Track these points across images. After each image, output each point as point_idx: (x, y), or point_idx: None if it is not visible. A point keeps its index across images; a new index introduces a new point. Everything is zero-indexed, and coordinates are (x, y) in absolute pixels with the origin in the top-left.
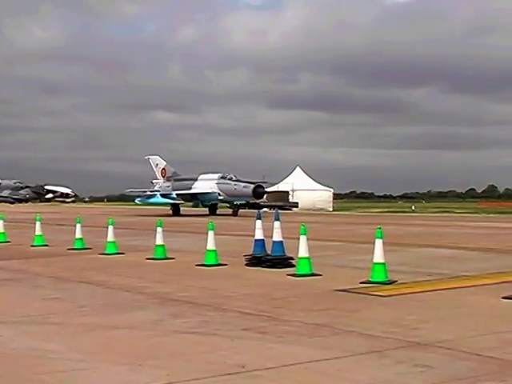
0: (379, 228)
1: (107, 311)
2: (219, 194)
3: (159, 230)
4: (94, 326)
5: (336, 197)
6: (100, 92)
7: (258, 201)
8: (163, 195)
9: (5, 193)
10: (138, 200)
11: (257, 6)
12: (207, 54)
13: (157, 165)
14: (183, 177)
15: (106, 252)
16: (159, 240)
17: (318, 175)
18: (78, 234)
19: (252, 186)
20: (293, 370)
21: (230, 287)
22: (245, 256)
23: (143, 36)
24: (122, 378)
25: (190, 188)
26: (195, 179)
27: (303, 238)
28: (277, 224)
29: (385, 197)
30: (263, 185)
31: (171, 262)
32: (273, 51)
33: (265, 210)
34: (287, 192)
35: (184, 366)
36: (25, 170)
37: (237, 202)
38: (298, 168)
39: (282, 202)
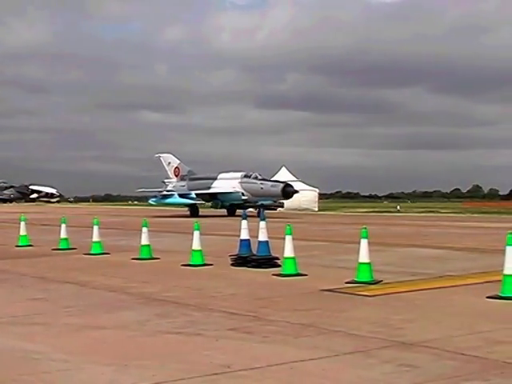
0: (364, 228)
1: (92, 311)
2: (243, 194)
3: (144, 230)
4: (78, 327)
5: (321, 197)
6: (86, 91)
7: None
8: (181, 195)
9: None
10: (152, 200)
11: (243, 5)
12: (194, 54)
13: (169, 163)
14: (200, 176)
15: (92, 252)
16: (144, 240)
17: (304, 175)
18: (63, 234)
19: (281, 185)
20: (278, 369)
21: (215, 287)
22: (230, 256)
23: (130, 35)
24: (108, 378)
25: (209, 187)
26: (214, 178)
27: (289, 238)
28: (262, 224)
29: (370, 197)
30: (292, 184)
31: (157, 262)
32: (259, 51)
33: (250, 209)
34: None
35: (170, 366)
36: (9, 170)
37: (262, 202)
38: (283, 168)
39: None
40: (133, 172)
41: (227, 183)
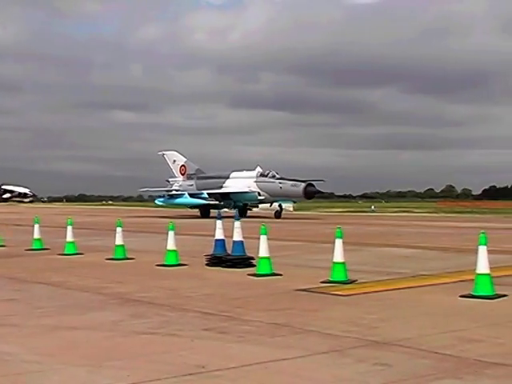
0: (339, 228)
1: (66, 312)
2: (259, 194)
3: (119, 230)
4: (51, 328)
5: None
6: (60, 91)
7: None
8: (192, 195)
9: None
10: (159, 200)
11: (218, 5)
12: (169, 54)
13: (174, 161)
14: (210, 174)
15: (65, 252)
16: (119, 240)
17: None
18: (36, 235)
19: (302, 184)
20: (253, 369)
21: (190, 287)
22: (205, 256)
23: (104, 35)
24: (81, 379)
25: (221, 187)
26: (226, 177)
27: (263, 238)
28: (237, 224)
29: (345, 196)
30: (314, 183)
31: (131, 263)
32: (234, 51)
33: (225, 209)
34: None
35: (144, 367)
36: None
37: (281, 202)
38: (258, 168)
39: None
40: (107, 172)
41: (241, 182)
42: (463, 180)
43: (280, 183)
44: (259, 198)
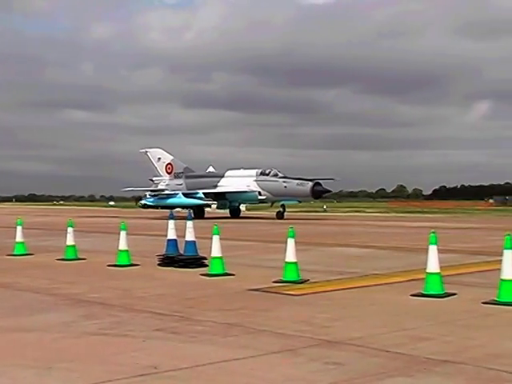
0: (291, 227)
1: (15, 314)
2: (259, 194)
3: (70, 230)
4: (0, 329)
5: None
6: (10, 89)
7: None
8: (186, 195)
9: None
10: (148, 201)
11: (172, 4)
12: (122, 53)
13: (159, 159)
14: (200, 173)
15: (15, 253)
16: (70, 240)
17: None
18: None
19: (309, 183)
20: (206, 370)
21: (142, 287)
22: (157, 256)
23: (56, 33)
24: (30, 382)
25: (216, 186)
26: (221, 176)
27: (216, 238)
28: (189, 224)
29: None
30: (322, 182)
31: (82, 263)
32: (188, 50)
33: (178, 209)
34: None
35: (95, 368)
36: None
37: (283, 203)
38: (210, 167)
39: None
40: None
41: (239, 181)
42: (414, 180)
43: (284, 182)
44: (260, 197)
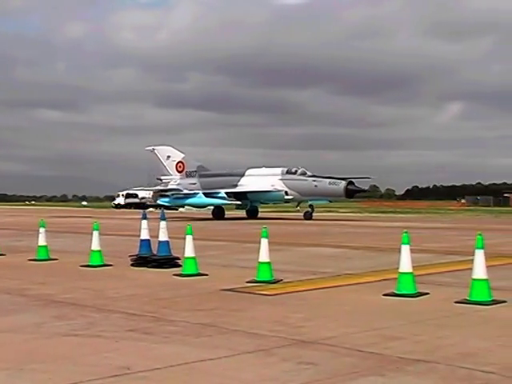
0: (264, 227)
1: None
2: (286, 193)
3: (42, 230)
4: None
5: None
6: None
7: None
8: (207, 194)
9: None
10: (163, 201)
11: (146, 4)
12: (95, 52)
13: (168, 157)
14: (216, 172)
15: None
16: (42, 241)
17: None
18: None
19: (343, 182)
20: (179, 370)
21: (114, 288)
22: (130, 256)
23: (28, 31)
24: (1, 383)
25: (235, 185)
26: (241, 175)
27: (189, 238)
28: (163, 224)
29: None
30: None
31: (54, 263)
32: (161, 50)
33: (150, 209)
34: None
35: (67, 369)
36: None
37: (311, 203)
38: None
39: None
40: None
41: (262, 180)
42: (387, 180)
43: (315, 181)
44: (286, 197)
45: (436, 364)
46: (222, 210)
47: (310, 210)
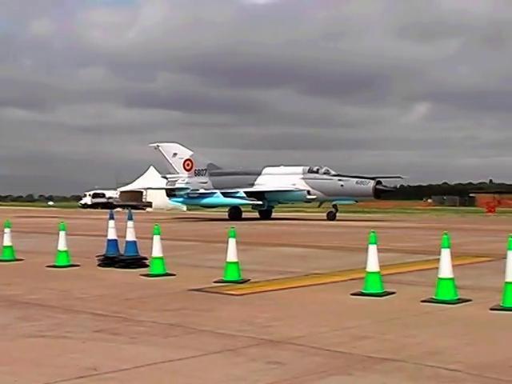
0: (233, 227)
1: None
2: (308, 193)
3: (7, 230)
4: None
5: None
6: None
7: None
8: (225, 194)
9: None
10: (176, 201)
11: (114, 1)
12: (62, 50)
13: (174, 154)
14: (228, 171)
15: None
16: (7, 241)
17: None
18: None
19: (371, 182)
20: (146, 370)
21: (81, 288)
22: (97, 256)
23: None
24: None
25: (252, 184)
26: (257, 173)
27: (156, 238)
28: (130, 224)
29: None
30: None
31: (20, 264)
32: (130, 48)
33: (118, 209)
34: (141, 192)
35: (33, 371)
36: None
37: (336, 203)
38: (151, 168)
39: (135, 201)
40: None
41: (281, 179)
42: None
43: (340, 180)
44: (308, 197)
45: (403, 363)
46: (240, 210)
47: (334, 210)
